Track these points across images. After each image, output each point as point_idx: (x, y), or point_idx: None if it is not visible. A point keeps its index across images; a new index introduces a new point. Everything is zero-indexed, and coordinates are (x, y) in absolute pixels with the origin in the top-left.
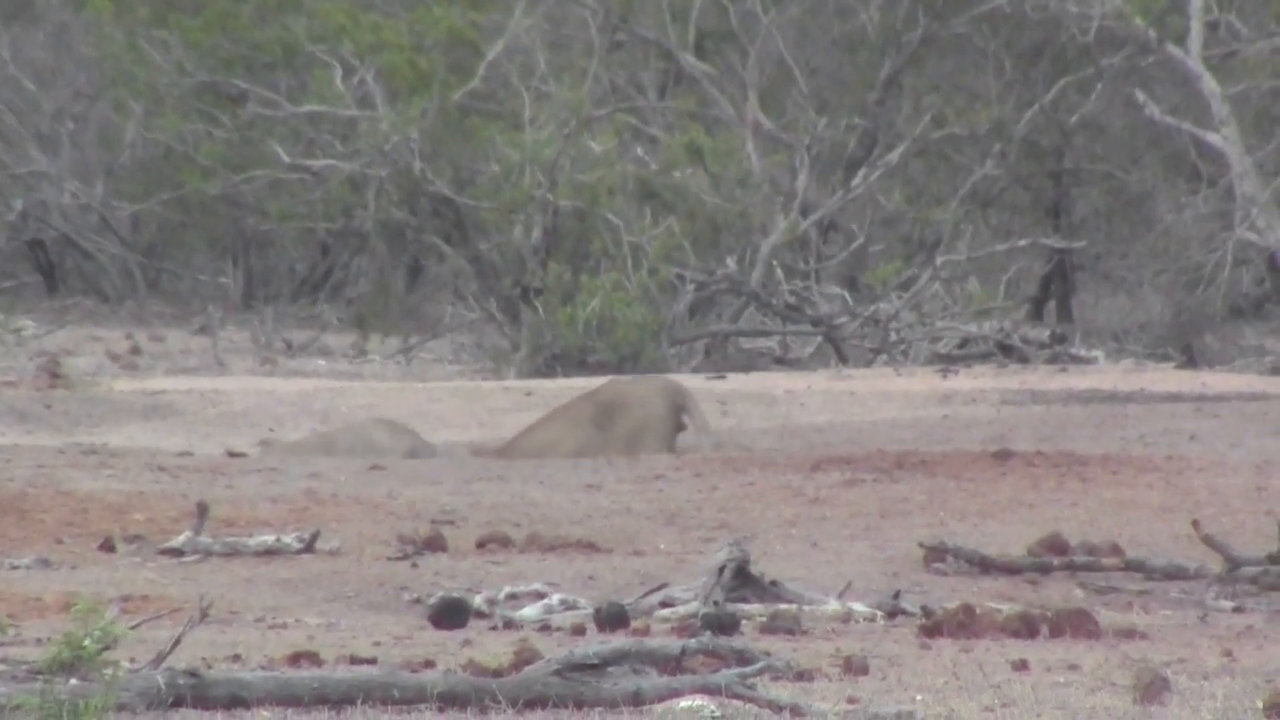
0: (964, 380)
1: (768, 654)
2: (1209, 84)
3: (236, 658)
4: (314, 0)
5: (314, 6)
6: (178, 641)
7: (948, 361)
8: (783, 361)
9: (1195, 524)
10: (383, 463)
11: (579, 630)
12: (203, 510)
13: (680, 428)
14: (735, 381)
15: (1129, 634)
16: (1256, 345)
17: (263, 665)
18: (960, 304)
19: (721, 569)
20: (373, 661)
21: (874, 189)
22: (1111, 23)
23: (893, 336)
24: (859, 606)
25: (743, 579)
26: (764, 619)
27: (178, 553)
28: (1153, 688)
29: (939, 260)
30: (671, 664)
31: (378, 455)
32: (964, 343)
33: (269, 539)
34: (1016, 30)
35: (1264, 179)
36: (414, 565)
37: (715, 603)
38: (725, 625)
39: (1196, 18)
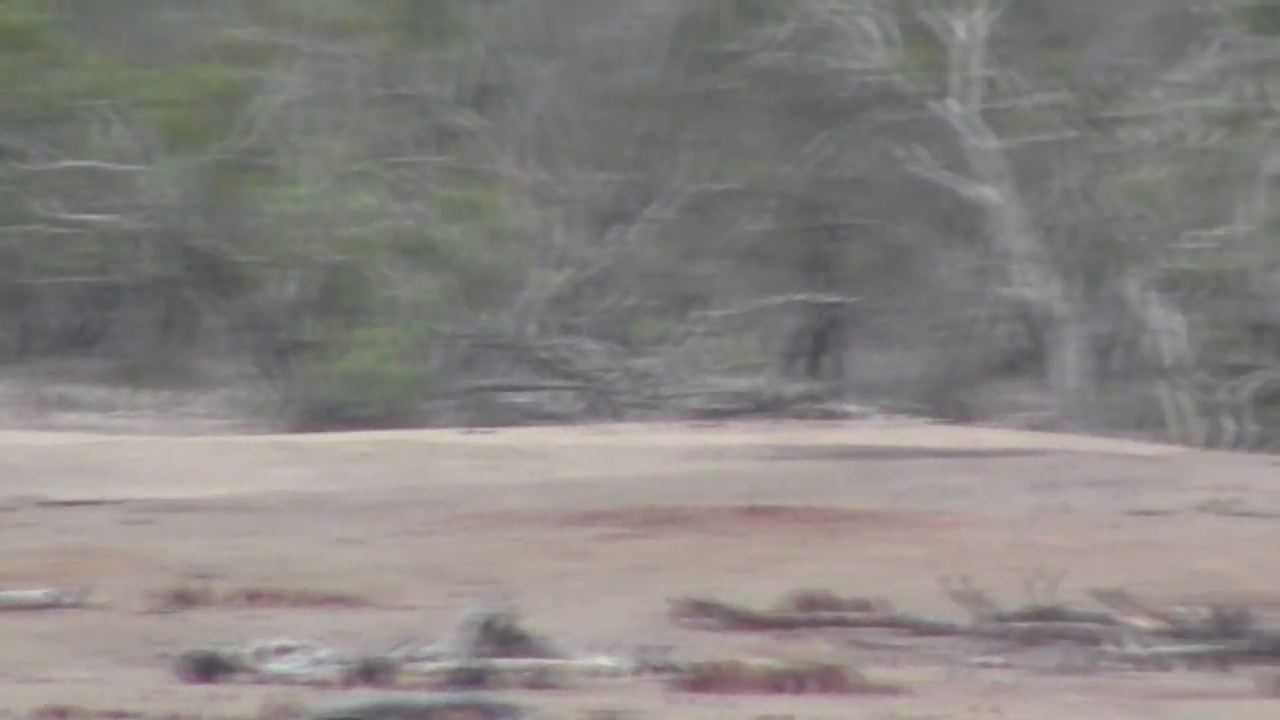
0: (729, 435)
1: (521, 708)
2: (975, 139)
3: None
4: (79, 56)
5: (79, 61)
6: None
7: (713, 416)
8: (551, 416)
9: (952, 579)
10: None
11: (337, 684)
12: None
13: None
14: (504, 436)
15: (888, 690)
16: (1019, 400)
17: None
18: (727, 359)
19: (476, 623)
20: (126, 716)
21: (643, 243)
22: (878, 78)
23: (659, 391)
24: (615, 661)
25: (502, 633)
26: (522, 673)
27: None
28: None
29: (706, 315)
30: (427, 718)
31: None
32: (730, 397)
33: (29, 593)
34: (787, 85)
35: (1029, 234)
36: (175, 619)
37: (469, 657)
38: (479, 679)
39: (962, 74)
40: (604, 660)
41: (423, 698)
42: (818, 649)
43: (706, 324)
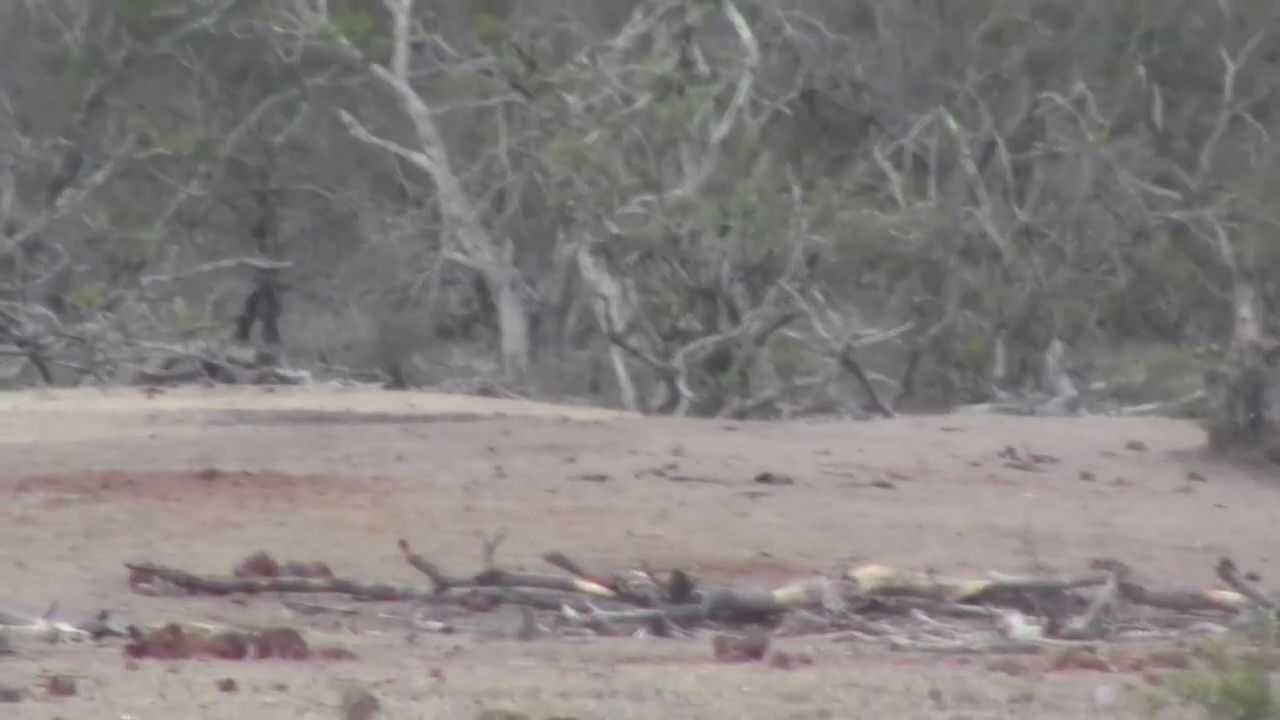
0: (171, 400)
1: None
2: (415, 104)
3: None
4: None
5: None
6: None
7: (154, 382)
8: None
9: (403, 544)
10: None
11: None
12: None
13: None
14: None
15: (337, 654)
16: (464, 366)
17: None
18: (167, 324)
19: None
20: None
21: (80, 209)
22: (317, 43)
23: (99, 357)
24: (66, 626)
25: None
26: None
27: None
28: (361, 708)
29: (145, 280)
30: None
31: None
32: (171, 363)
33: None
34: (222, 51)
35: (470, 199)
36: None
37: None
38: None
39: (402, 39)
40: (64, 625)
41: None
42: (270, 614)
43: (148, 289)
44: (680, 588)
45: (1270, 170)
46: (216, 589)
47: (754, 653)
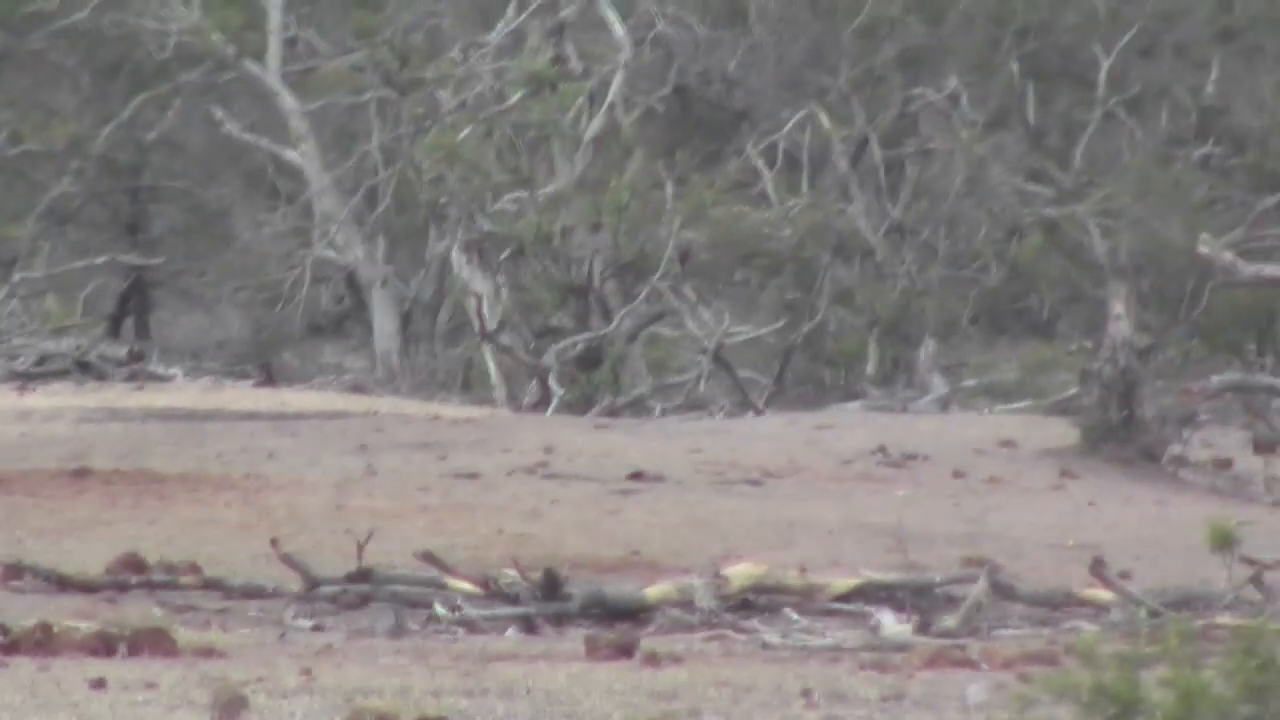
0: (41, 398)
1: None
2: (287, 100)
3: None
4: None
5: None
6: None
7: (25, 379)
8: None
9: (274, 542)
10: None
11: None
12: None
13: None
14: None
15: (208, 652)
16: (336, 363)
17: None
18: (38, 321)
19: None
20: None
21: None
22: (190, 39)
23: None
24: None
25: None
26: None
27: None
28: (231, 706)
29: (16, 277)
30: None
31: None
32: (42, 360)
33: None
34: (95, 47)
35: (342, 196)
36: None
37: None
38: None
39: (275, 34)
40: None
41: None
42: (141, 612)
43: (19, 286)
44: (551, 586)
45: (1143, 166)
46: (87, 587)
47: (625, 651)
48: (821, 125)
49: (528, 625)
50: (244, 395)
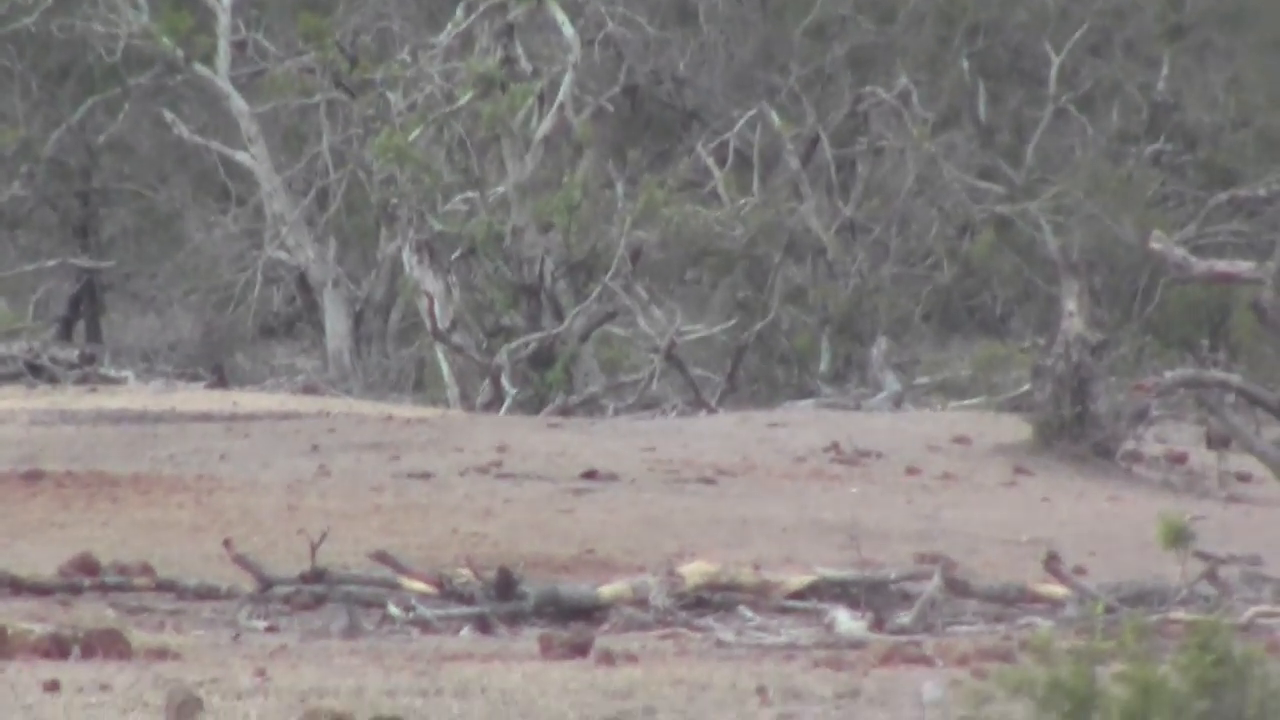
0: None
1: None
2: (237, 103)
3: None
4: None
5: None
6: None
7: None
8: None
9: (227, 543)
10: None
11: None
12: None
13: None
14: None
15: (162, 654)
16: (288, 364)
17: None
18: None
19: None
20: None
21: None
22: (139, 42)
23: None
24: None
25: None
26: None
27: None
28: (185, 708)
29: None
30: None
31: None
32: None
33: None
34: (43, 50)
35: (293, 197)
36: None
37: None
38: None
39: (224, 37)
40: None
41: None
42: (94, 614)
43: None
44: (505, 585)
45: (1095, 163)
46: (40, 589)
47: (579, 650)
48: (772, 124)
49: (482, 625)
50: (196, 397)
